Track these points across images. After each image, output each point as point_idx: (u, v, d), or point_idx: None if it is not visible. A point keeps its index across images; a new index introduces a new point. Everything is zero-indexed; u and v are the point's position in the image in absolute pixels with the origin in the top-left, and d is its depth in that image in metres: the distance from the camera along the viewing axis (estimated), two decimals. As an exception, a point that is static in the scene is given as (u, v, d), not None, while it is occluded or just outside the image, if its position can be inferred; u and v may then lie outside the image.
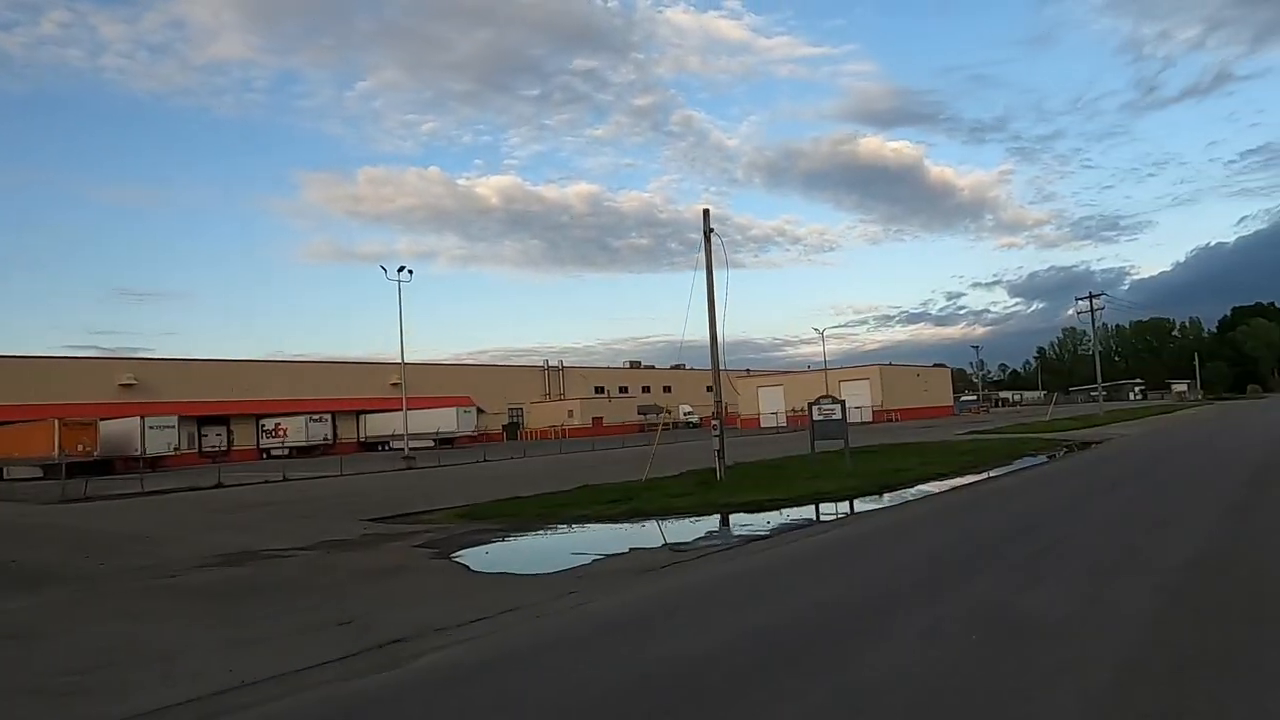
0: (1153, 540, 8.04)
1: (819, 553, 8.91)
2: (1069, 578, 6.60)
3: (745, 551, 9.33)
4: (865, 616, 5.88)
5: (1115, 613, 5.52)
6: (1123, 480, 14.26)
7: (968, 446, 25.62)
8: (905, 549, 8.60)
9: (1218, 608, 5.52)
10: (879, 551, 8.57)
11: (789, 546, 9.43)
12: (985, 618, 5.51)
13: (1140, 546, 7.74)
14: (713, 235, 18.29)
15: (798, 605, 6.42)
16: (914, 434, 40.94)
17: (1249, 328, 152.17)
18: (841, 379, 76.87)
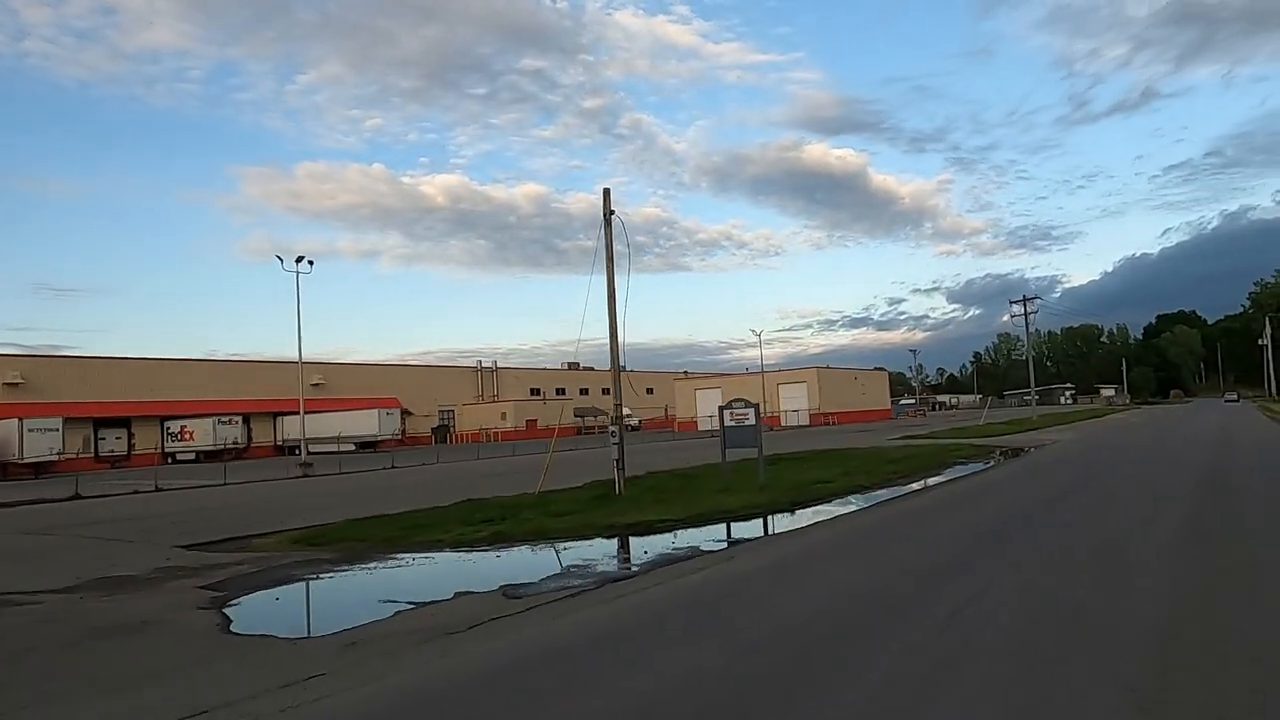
0: (1106, 595, 6.20)
1: (673, 606, 6.86)
2: (988, 669, 4.69)
3: (592, 600, 7.26)
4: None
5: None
6: (1060, 498, 12.64)
7: (898, 453, 24.10)
8: (781, 604, 6.62)
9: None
10: (749, 608, 6.56)
11: (647, 593, 7.39)
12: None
13: (1088, 605, 5.88)
14: (613, 218, 16.24)
15: (603, 706, 4.36)
16: (848, 438, 39.60)
17: (1172, 335, 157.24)
18: (780, 382, 75.85)
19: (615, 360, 16.47)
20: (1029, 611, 5.79)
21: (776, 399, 74.53)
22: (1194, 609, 5.74)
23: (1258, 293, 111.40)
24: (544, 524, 12.29)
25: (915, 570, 7.51)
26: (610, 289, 16.22)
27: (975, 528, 9.99)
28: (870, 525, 10.92)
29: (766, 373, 76.63)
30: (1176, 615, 5.56)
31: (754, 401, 16.84)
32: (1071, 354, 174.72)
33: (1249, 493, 12.08)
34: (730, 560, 8.82)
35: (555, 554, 10.19)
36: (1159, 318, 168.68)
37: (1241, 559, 7.37)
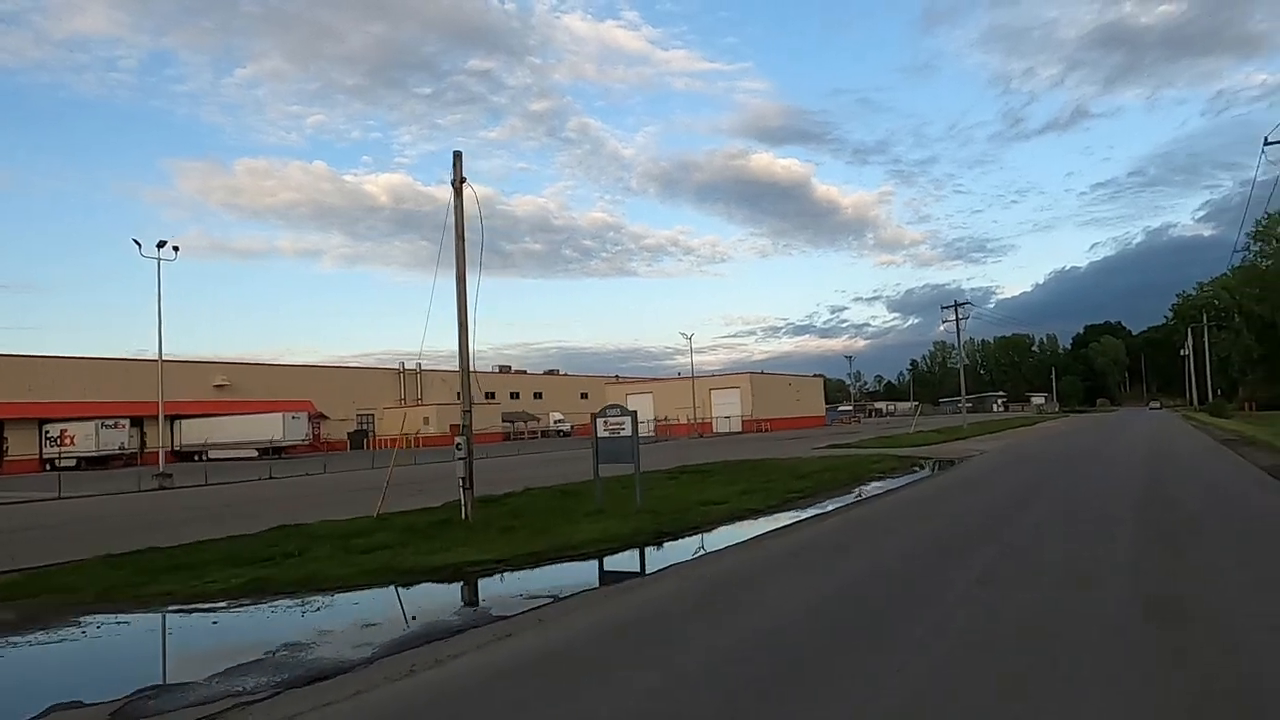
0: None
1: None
2: None
3: (255, 712, 4.59)
4: None
5: None
6: (979, 535, 10.37)
7: (814, 466, 21.84)
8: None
9: None
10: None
11: (338, 709, 4.71)
12: None
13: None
14: (466, 187, 13.53)
15: None
16: (773, 447, 37.50)
17: (1099, 345, 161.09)
18: (712, 387, 73.84)
19: (465, 358, 13.74)
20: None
21: (709, 405, 72.52)
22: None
23: (1179, 305, 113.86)
24: (324, 568, 9.46)
25: (768, 659, 5.00)
26: (460, 272, 13.50)
27: (870, 579, 7.58)
28: (737, 577, 8.39)
29: (700, 378, 74.53)
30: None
31: (631, 410, 14.25)
32: (1004, 363, 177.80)
33: (1212, 555, 9.95)
34: (505, 640, 6.16)
35: (294, 619, 7.40)
36: (1087, 328, 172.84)
37: (1212, 661, 5.04)
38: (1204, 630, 5.34)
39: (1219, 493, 12.78)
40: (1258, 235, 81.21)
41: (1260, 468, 16.50)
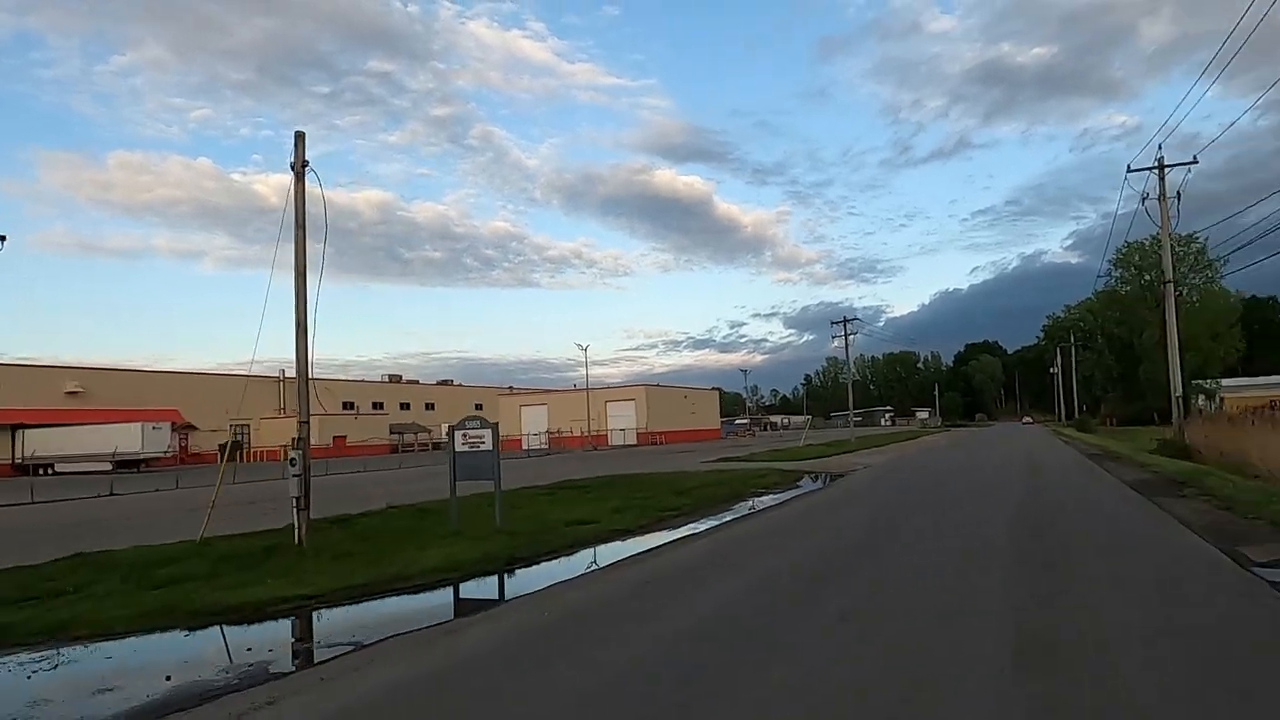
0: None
1: None
2: None
3: None
4: None
5: None
6: (849, 561, 9.73)
7: (698, 481, 21.14)
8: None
9: None
10: None
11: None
12: None
13: None
14: (309, 172, 12.07)
15: None
16: (662, 460, 36.83)
17: (978, 363, 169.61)
18: (608, 399, 72.99)
19: (302, 363, 12.22)
20: None
21: (604, 417, 71.62)
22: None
23: (1049, 326, 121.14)
24: (95, 609, 7.86)
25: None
26: (299, 268, 12.01)
27: (709, 630, 6.70)
28: (560, 617, 7.37)
29: (596, 390, 73.55)
30: None
31: (491, 421, 13.06)
32: (892, 378, 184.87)
33: (1087, 584, 9.60)
34: (262, 709, 4.91)
35: (11, 683, 5.89)
36: (967, 347, 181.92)
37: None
38: (1078, 670, 4.66)
39: (1091, 512, 12.68)
40: (1118, 262, 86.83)
41: (1125, 482, 16.78)
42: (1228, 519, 10.83)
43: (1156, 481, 16.80)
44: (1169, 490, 14.92)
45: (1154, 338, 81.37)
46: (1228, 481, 14.98)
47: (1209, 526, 10.17)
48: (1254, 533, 9.61)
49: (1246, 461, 21.88)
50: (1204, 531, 9.77)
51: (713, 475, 23.36)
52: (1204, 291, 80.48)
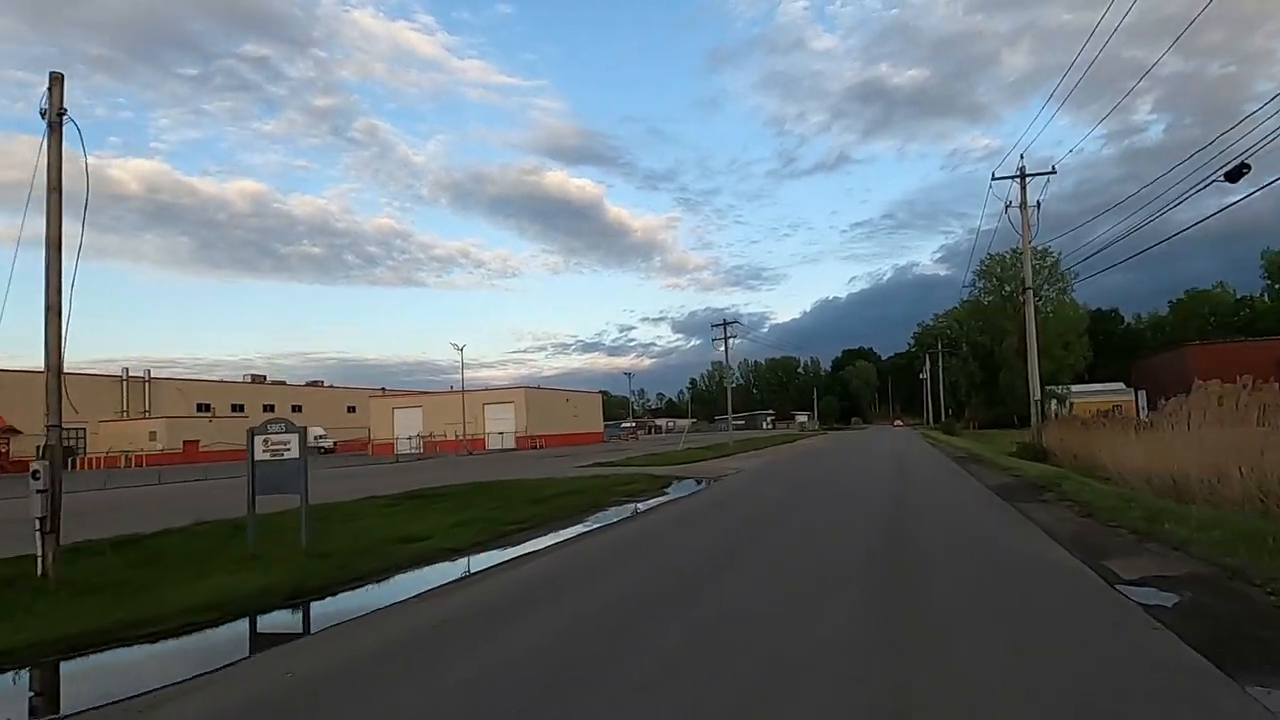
0: None
1: None
2: None
3: None
4: None
5: None
6: (687, 591, 8.61)
7: (562, 488, 19.75)
8: None
9: None
10: None
11: None
12: None
13: None
14: (64, 120, 9.91)
15: None
16: (535, 465, 35.26)
17: (854, 369, 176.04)
18: (486, 402, 70.54)
19: (54, 353, 10.04)
20: None
21: (482, 420, 69.16)
22: None
23: (919, 334, 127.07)
24: None
25: None
26: (53, 237, 9.82)
27: (494, 692, 5.34)
28: (320, 674, 5.85)
29: (473, 392, 70.93)
30: None
31: (299, 427, 11.22)
32: (773, 383, 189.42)
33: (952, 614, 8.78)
34: None
35: None
36: (844, 353, 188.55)
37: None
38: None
39: (957, 527, 12.10)
40: (981, 274, 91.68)
41: (989, 488, 16.58)
42: (1090, 527, 10.39)
43: (1018, 486, 16.68)
44: (1031, 495, 14.69)
45: (1013, 346, 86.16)
46: (1085, 485, 14.89)
47: (1074, 537, 9.64)
48: (1117, 543, 9.11)
49: (1097, 464, 22.49)
50: (1070, 544, 9.19)
51: (580, 482, 22.03)
52: (1057, 303, 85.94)
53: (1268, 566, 6.82)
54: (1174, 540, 8.58)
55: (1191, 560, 7.70)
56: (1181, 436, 17.25)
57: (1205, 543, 8.07)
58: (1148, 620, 5.66)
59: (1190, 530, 8.83)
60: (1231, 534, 8.20)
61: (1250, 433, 15.08)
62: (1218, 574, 7.05)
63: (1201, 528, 8.89)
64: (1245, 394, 16.14)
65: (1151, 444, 18.95)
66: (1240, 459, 14.07)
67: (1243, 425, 16.44)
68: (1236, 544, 7.75)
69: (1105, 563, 7.91)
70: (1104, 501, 12.12)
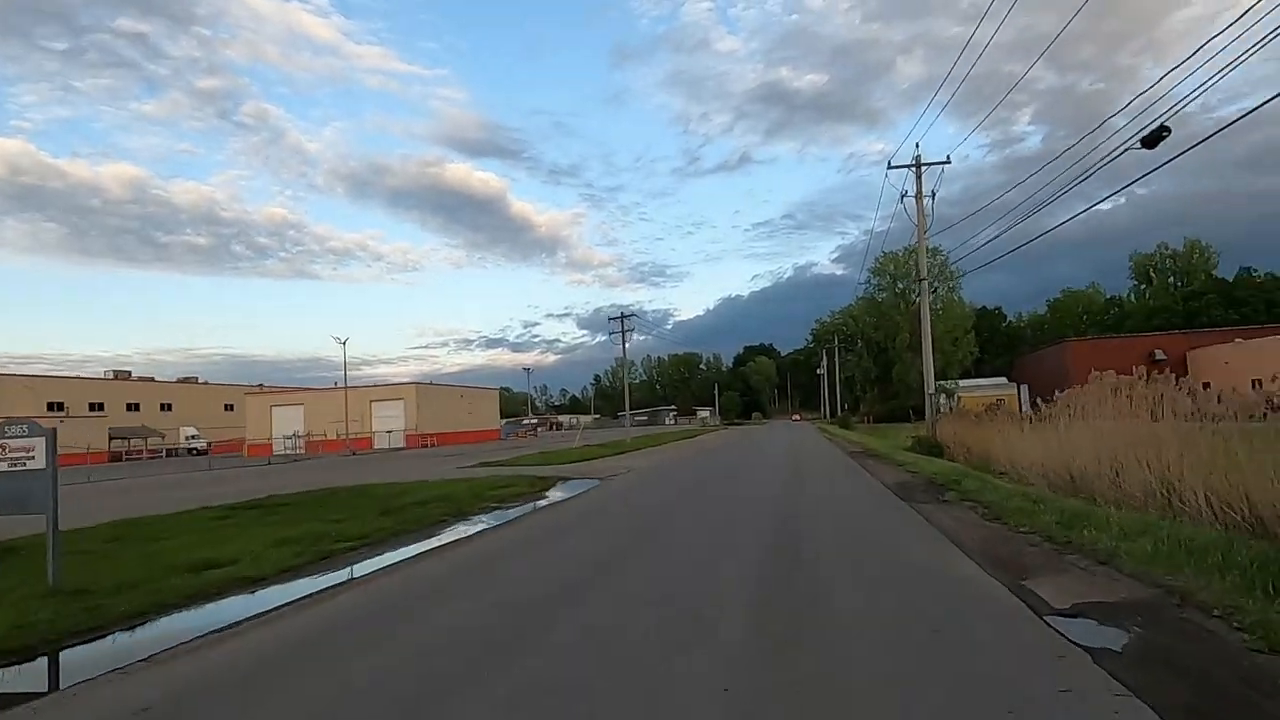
0: None
1: None
2: None
3: None
4: None
5: None
6: (533, 627, 6.88)
7: (427, 493, 17.64)
8: None
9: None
10: None
11: None
12: None
13: None
14: None
15: None
16: (416, 466, 32.78)
17: (755, 364, 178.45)
18: (374, 398, 66.79)
19: None
20: None
21: (369, 418, 65.41)
22: None
23: (817, 330, 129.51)
24: None
25: None
26: None
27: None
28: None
29: (360, 388, 67.04)
30: None
31: (46, 429, 8.85)
32: (676, 379, 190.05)
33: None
34: None
35: None
36: (745, 349, 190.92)
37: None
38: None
39: (856, 535, 10.80)
40: (876, 271, 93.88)
41: (887, 486, 15.52)
42: (1000, 535, 9.21)
43: (917, 484, 15.69)
44: (931, 495, 13.64)
45: (905, 341, 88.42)
46: (986, 483, 13.97)
47: (984, 548, 8.40)
48: (1034, 555, 7.88)
49: (992, 458, 22.03)
50: (981, 557, 7.91)
51: (453, 485, 19.93)
52: (946, 301, 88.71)
53: (1221, 589, 5.62)
54: (1098, 551, 7.41)
55: (1125, 579, 6.49)
56: (1078, 430, 16.72)
57: (1136, 556, 6.90)
58: (1104, 679, 4.27)
59: (1114, 538, 7.70)
60: (1162, 544, 7.06)
61: (1147, 425, 14.56)
62: (1162, 599, 5.81)
63: (1125, 535, 7.77)
64: (1141, 385, 15.68)
65: (1047, 438, 18.47)
66: (1140, 452, 13.45)
67: (1136, 417, 16.02)
68: (1174, 557, 6.59)
69: (1027, 583, 6.62)
70: (1010, 502, 11.07)
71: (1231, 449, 10.06)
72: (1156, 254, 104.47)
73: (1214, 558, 6.25)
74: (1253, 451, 9.89)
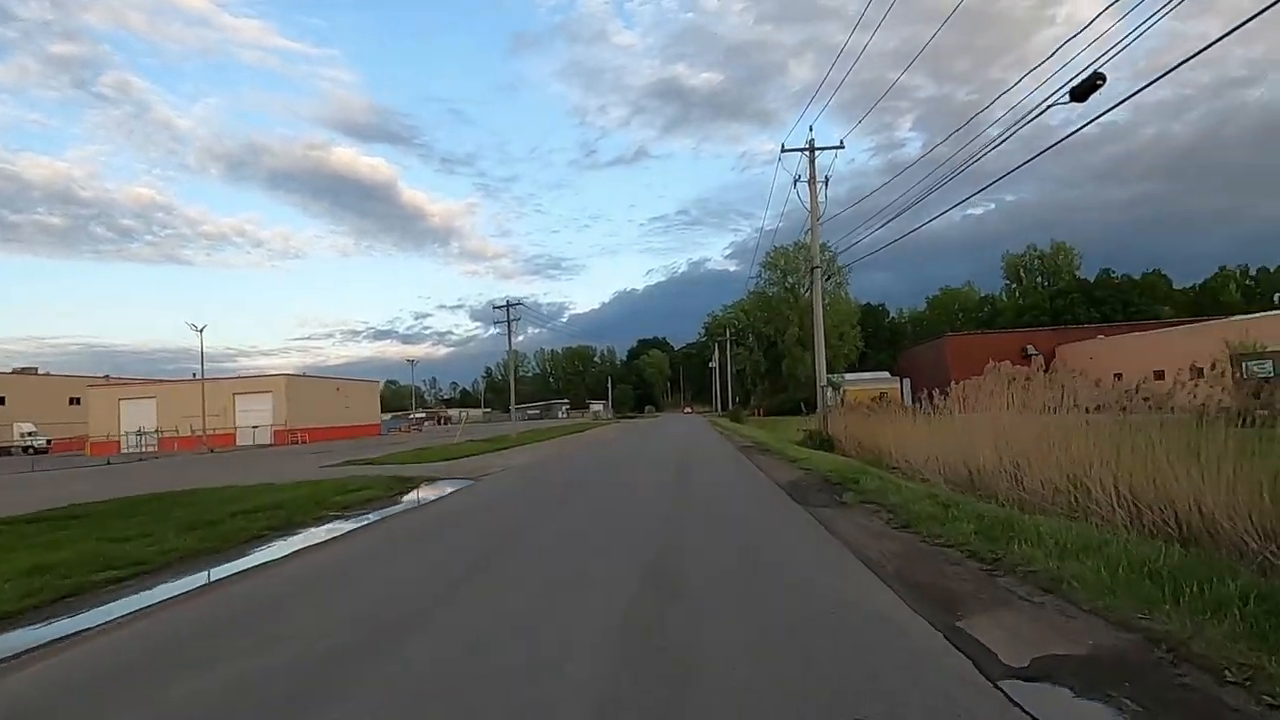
0: None
1: None
2: None
3: None
4: None
5: None
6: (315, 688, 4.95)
7: (264, 499, 15.08)
8: None
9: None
10: None
11: None
12: None
13: None
14: None
15: None
16: (279, 463, 29.64)
17: (648, 358, 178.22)
18: (237, 391, 61.61)
19: None
20: None
21: (232, 412, 60.31)
22: None
23: (709, 324, 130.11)
24: None
25: None
26: None
27: None
28: None
29: (223, 380, 61.75)
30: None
31: None
32: (570, 372, 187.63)
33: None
34: None
35: None
36: (639, 342, 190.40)
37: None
38: None
39: (746, 552, 9.26)
40: (766, 265, 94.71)
41: (781, 486, 14.17)
42: (914, 548, 7.82)
43: (813, 484, 14.42)
44: (829, 496, 12.32)
45: (795, 335, 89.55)
46: (887, 483, 12.78)
47: (900, 568, 6.96)
48: (959, 578, 6.48)
49: (884, 453, 21.26)
50: (899, 583, 6.46)
51: (298, 489, 17.35)
52: (833, 296, 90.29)
53: (1218, 637, 4.27)
54: (1038, 575, 6.06)
55: (1085, 616, 5.11)
56: (977, 424, 15.92)
57: (1089, 583, 5.56)
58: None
59: (1051, 556, 6.39)
60: (1118, 566, 5.77)
61: (1052, 419, 13.80)
62: (1145, 650, 4.42)
63: (1064, 551, 6.49)
64: (1042, 376, 14.98)
65: (943, 432, 17.69)
66: (1045, 448, 12.60)
67: (1026, 410, 15.33)
68: (1138, 586, 5.28)
69: (964, 624, 5.16)
70: (918, 506, 9.79)
71: (1152, 446, 9.11)
72: (1027, 255, 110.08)
73: (1190, 588, 4.94)
74: (1170, 449, 8.98)
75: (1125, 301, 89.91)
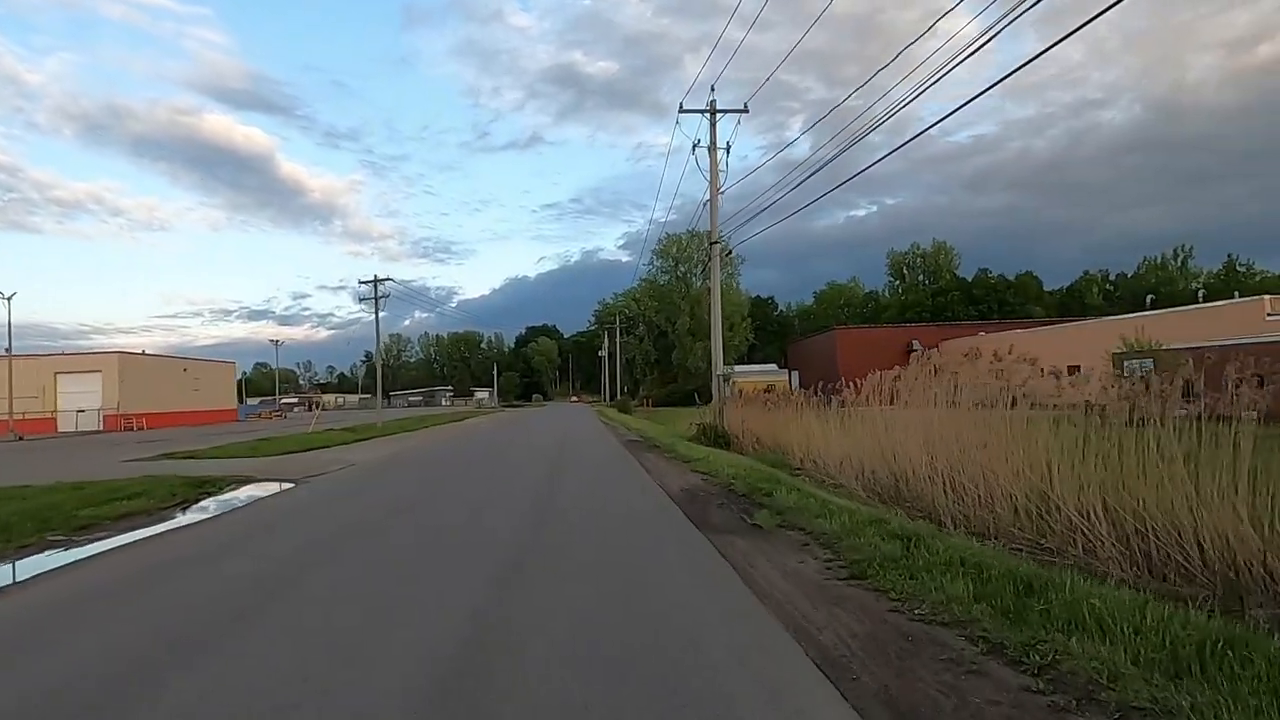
0: None
1: None
2: None
3: None
4: None
5: None
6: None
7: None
8: None
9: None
10: None
11: None
12: None
13: None
14: None
15: None
16: (65, 460, 24.69)
17: (537, 345, 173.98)
18: (59, 370, 54.05)
19: None
20: None
21: (53, 394, 52.85)
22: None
23: (600, 312, 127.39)
24: None
25: None
26: None
27: None
28: None
29: (41, 358, 54.00)
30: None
31: None
32: (456, 358, 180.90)
33: None
34: None
35: None
36: (527, 329, 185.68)
37: None
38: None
39: (621, 625, 6.29)
40: (659, 253, 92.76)
41: (674, 499, 11.30)
42: (884, 628, 5.01)
43: (714, 494, 11.66)
44: (738, 516, 9.55)
45: (686, 325, 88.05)
46: (807, 497, 10.14)
47: (879, 684, 4.14)
48: (994, 709, 3.74)
49: (787, 450, 18.94)
50: (887, 709, 3.63)
51: (55, 494, 13.24)
52: (725, 286, 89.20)
53: None
54: (1118, 692, 3.39)
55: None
56: (904, 420, 13.65)
57: None
58: None
59: (1147, 669, 3.75)
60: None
61: (996, 415, 11.62)
62: None
63: (1150, 659, 3.86)
64: (987, 365, 12.82)
65: (858, 431, 15.42)
66: (999, 453, 10.34)
67: (954, 405, 13.20)
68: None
69: None
70: (864, 538, 7.11)
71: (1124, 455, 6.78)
72: (910, 253, 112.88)
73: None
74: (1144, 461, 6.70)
75: (1001, 300, 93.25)
